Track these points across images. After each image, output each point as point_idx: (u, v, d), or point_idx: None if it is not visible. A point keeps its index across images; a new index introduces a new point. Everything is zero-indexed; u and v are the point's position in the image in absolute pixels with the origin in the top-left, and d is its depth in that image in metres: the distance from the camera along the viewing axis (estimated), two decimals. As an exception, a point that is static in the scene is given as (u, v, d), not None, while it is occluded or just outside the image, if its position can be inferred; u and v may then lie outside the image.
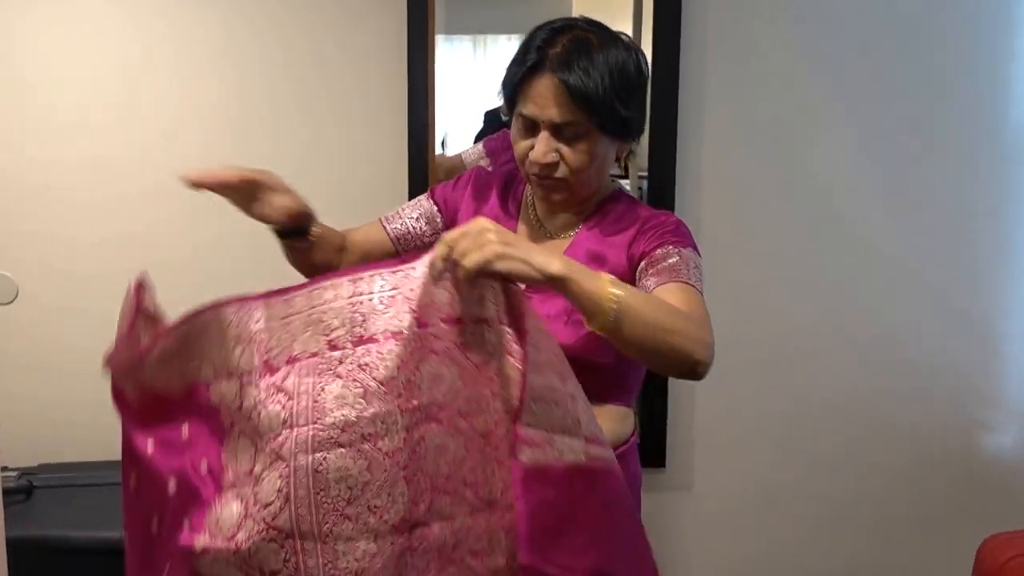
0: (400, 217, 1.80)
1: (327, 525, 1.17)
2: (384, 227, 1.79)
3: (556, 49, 1.52)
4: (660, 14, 2.42)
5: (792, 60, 2.48)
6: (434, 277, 1.22)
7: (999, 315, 2.61)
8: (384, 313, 1.21)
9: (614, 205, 1.68)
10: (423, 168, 2.43)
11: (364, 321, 1.21)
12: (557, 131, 1.55)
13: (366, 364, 1.19)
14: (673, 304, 1.41)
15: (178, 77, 2.45)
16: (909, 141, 2.51)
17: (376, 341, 1.20)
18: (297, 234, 1.63)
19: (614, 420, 1.67)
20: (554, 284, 1.26)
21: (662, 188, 2.48)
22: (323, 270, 1.63)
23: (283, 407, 1.19)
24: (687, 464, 2.62)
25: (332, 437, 1.17)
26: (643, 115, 1.63)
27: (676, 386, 2.56)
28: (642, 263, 1.58)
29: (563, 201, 1.64)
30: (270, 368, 1.22)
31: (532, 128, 1.57)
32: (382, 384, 1.18)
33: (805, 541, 2.68)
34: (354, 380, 1.19)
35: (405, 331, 1.20)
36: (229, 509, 1.19)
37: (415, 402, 1.20)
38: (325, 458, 1.17)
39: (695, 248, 1.60)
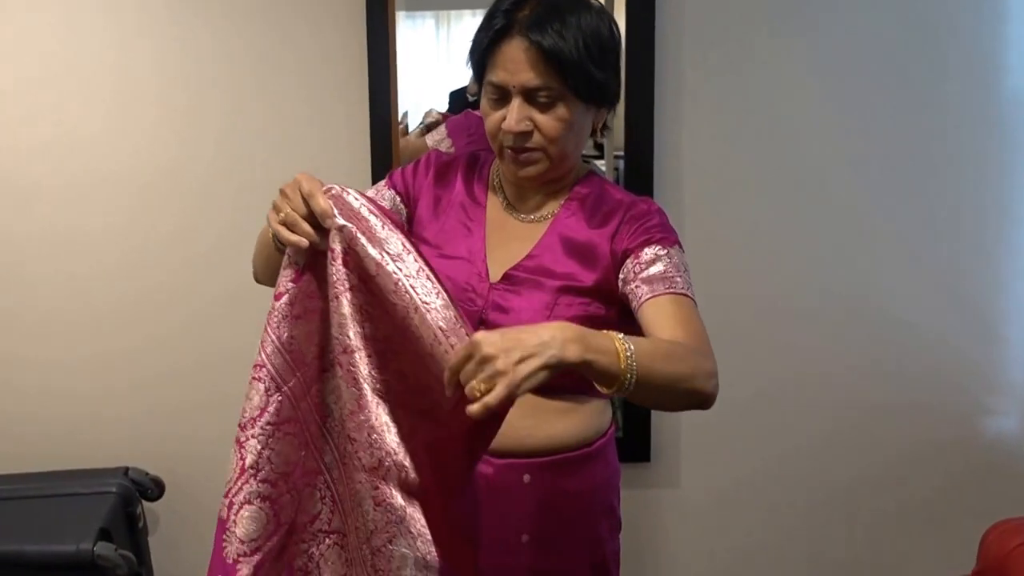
0: None
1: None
2: None
3: (524, 12, 1.48)
4: None
5: (775, 32, 2.40)
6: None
7: (1000, 297, 2.53)
8: None
9: (589, 188, 1.63)
10: (386, 150, 2.35)
11: None
12: (530, 97, 1.50)
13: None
14: (675, 336, 1.39)
15: (129, 55, 2.39)
16: (902, 118, 2.43)
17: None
18: None
19: (592, 414, 1.64)
20: (577, 367, 1.20)
21: (639, 168, 2.39)
22: None
23: None
24: (673, 458, 2.55)
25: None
26: (618, 81, 1.59)
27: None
28: (628, 261, 1.54)
29: (538, 177, 1.58)
30: None
31: (503, 97, 1.52)
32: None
33: (799, 533, 2.61)
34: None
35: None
36: None
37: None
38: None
39: (679, 243, 1.57)
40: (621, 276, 1.54)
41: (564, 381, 1.24)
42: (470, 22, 2.51)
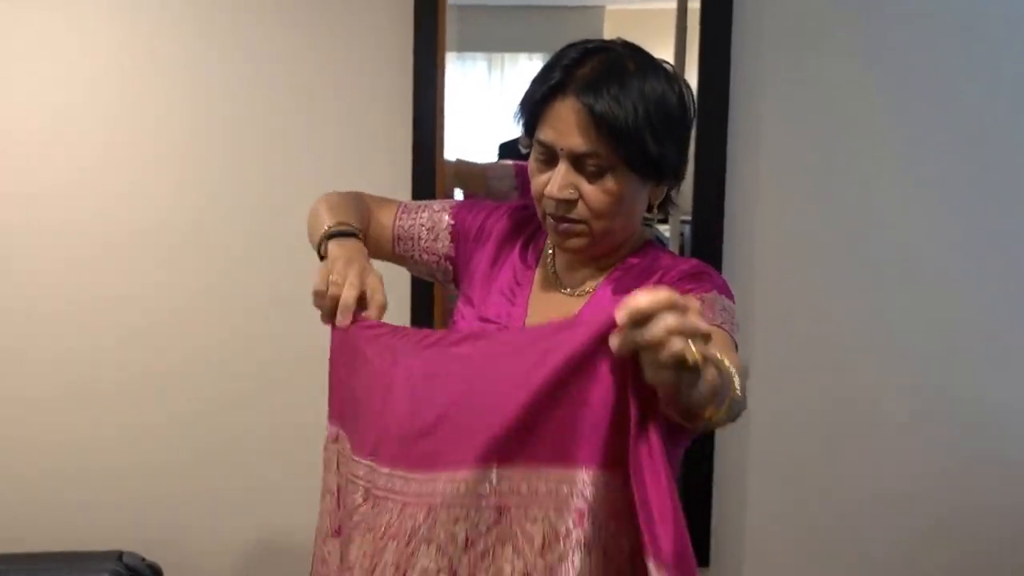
0: (412, 215, 1.66)
1: None
2: (395, 218, 1.65)
3: (584, 70, 1.39)
4: (707, 40, 2.21)
5: (856, 92, 2.28)
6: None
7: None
8: None
9: (640, 260, 1.52)
10: (428, 194, 2.22)
11: None
12: (577, 163, 1.39)
13: None
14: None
15: (184, 99, 2.33)
16: (988, 184, 2.29)
17: None
18: None
19: None
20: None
21: (708, 234, 2.25)
22: None
23: None
24: (735, 565, 2.38)
25: None
26: (682, 156, 1.47)
27: (723, 478, 2.35)
28: None
29: (581, 250, 1.48)
30: None
31: (551, 159, 1.42)
32: None
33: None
34: None
35: None
36: None
37: None
38: None
39: (723, 291, 1.44)
40: None
41: None
42: (525, 65, 2.44)
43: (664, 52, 2.31)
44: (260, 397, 2.33)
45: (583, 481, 1.10)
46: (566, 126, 1.37)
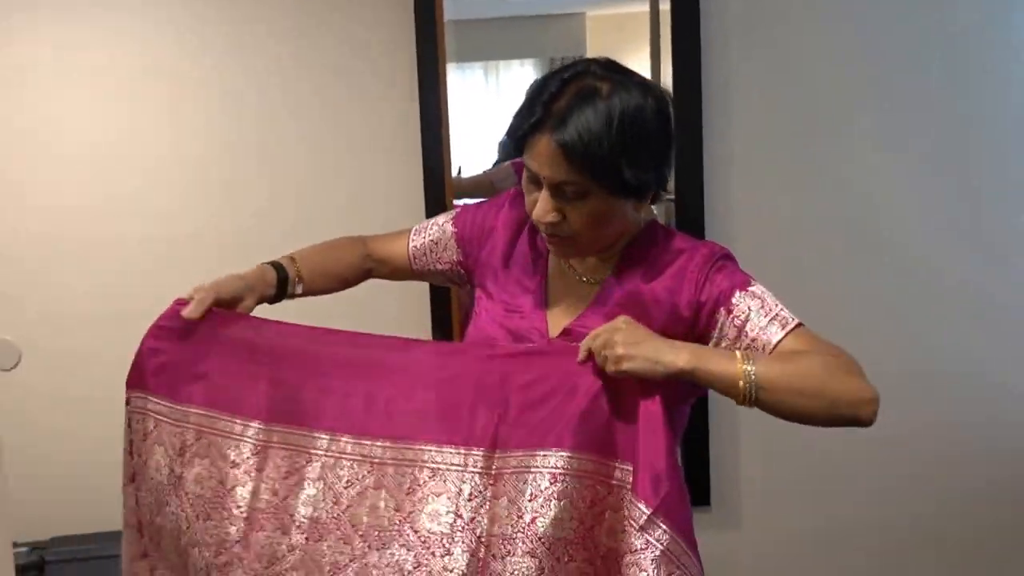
0: (422, 234, 1.75)
1: None
2: (408, 241, 1.75)
3: (560, 104, 1.41)
4: (679, 32, 2.34)
5: (822, 78, 2.39)
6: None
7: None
8: None
9: (646, 244, 1.56)
10: (440, 199, 2.36)
11: None
12: (558, 190, 1.44)
13: None
14: (813, 357, 1.39)
15: (198, 117, 2.44)
16: (955, 160, 2.41)
17: None
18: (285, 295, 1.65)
19: None
20: (685, 376, 1.33)
21: (690, 212, 2.39)
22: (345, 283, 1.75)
23: None
24: (734, 502, 2.52)
25: None
26: (660, 168, 1.48)
27: (718, 423, 2.47)
28: (720, 319, 1.48)
29: (577, 256, 1.56)
30: None
31: (537, 181, 1.46)
32: None
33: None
34: None
35: None
36: None
37: None
38: None
39: (751, 276, 1.52)
40: (716, 333, 1.48)
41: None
42: (518, 71, 2.52)
43: (642, 50, 2.48)
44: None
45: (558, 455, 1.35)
46: (544, 159, 1.41)
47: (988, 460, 2.51)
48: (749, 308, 1.46)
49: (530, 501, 1.34)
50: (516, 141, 1.47)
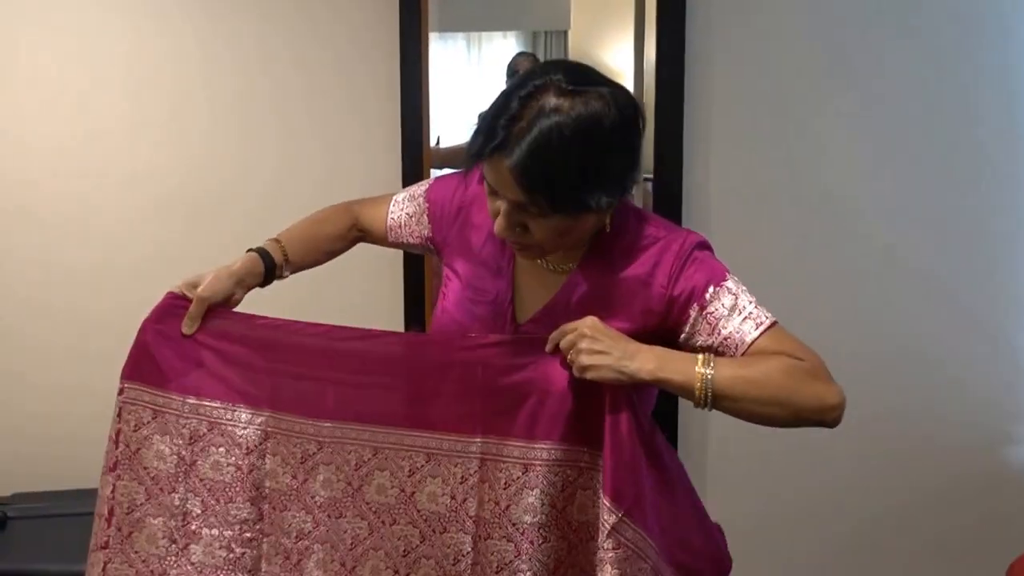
0: (400, 206, 1.74)
1: None
2: (387, 213, 1.75)
3: (521, 125, 1.34)
4: (664, 13, 2.33)
5: (803, 58, 2.39)
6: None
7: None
8: None
9: (618, 231, 1.50)
10: (418, 168, 2.36)
11: None
12: (518, 207, 1.39)
13: None
14: (776, 362, 1.40)
15: (170, 77, 2.44)
16: (929, 141, 2.42)
17: None
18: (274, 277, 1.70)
19: None
20: (649, 384, 1.38)
21: (668, 192, 2.38)
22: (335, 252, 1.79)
23: None
24: (699, 490, 2.51)
25: None
26: (623, 180, 1.42)
27: (686, 410, 2.48)
28: (693, 314, 1.45)
29: (542, 257, 1.52)
30: None
31: (497, 193, 1.41)
32: None
33: (824, 567, 2.59)
34: None
35: None
36: None
37: None
38: None
39: (726, 269, 1.48)
40: (688, 329, 1.45)
41: None
42: (500, 43, 2.51)
43: (627, 26, 2.47)
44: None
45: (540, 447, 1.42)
46: (504, 182, 1.36)
47: (957, 447, 2.54)
48: (723, 305, 1.44)
49: (504, 489, 1.42)
50: (476, 160, 1.41)
